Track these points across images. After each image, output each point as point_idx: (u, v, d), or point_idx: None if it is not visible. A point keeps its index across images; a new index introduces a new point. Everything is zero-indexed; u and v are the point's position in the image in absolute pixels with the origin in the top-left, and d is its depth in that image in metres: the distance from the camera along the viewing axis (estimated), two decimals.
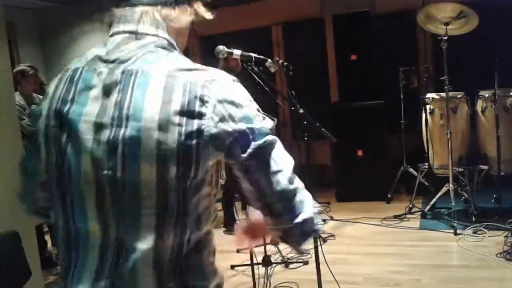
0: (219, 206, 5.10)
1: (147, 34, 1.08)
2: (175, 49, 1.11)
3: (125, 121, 0.99)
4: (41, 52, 7.36)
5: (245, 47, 2.13)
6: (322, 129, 2.06)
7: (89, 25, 7.20)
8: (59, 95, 1.08)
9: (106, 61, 1.07)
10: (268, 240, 1.33)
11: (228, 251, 4.27)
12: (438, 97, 4.85)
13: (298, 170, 1.10)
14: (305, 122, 2.06)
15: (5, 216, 2.86)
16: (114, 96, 1.02)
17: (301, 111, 2.06)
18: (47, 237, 4.68)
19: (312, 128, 2.07)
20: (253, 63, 2.07)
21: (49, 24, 7.33)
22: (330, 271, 2.71)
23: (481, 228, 4.16)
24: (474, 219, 4.30)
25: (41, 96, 5.00)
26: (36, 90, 4.92)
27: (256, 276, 3.30)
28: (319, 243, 2.43)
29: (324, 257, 2.48)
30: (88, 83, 1.05)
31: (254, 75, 2.09)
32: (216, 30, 6.39)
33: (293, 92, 4.08)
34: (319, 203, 5.39)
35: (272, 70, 2.17)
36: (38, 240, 3.40)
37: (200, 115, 0.99)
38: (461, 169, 4.77)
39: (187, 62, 1.07)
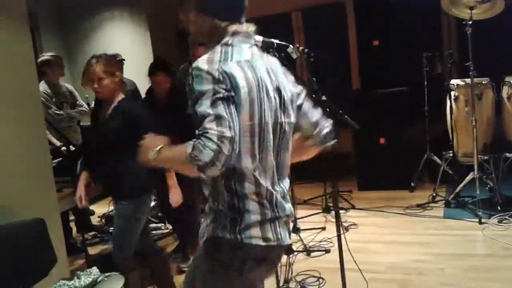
0: None
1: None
2: None
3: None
4: (62, 40, 7.44)
5: (265, 33, 2.11)
6: (345, 117, 2.03)
7: (110, 13, 7.26)
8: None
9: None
10: None
11: None
12: (462, 83, 4.75)
13: (320, 158, 1.13)
14: (327, 110, 2.04)
15: (31, 204, 2.91)
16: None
17: (323, 98, 2.04)
18: (72, 224, 4.77)
19: (334, 116, 2.04)
20: (274, 49, 2.04)
21: (70, 13, 7.40)
22: (354, 259, 2.69)
23: (506, 217, 4.09)
24: (499, 208, 4.22)
25: (67, 85, 5.06)
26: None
27: (278, 264, 3.29)
28: (342, 232, 2.41)
29: (347, 245, 2.47)
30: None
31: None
32: None
33: (314, 79, 4.04)
34: (340, 191, 5.36)
35: (294, 56, 2.15)
36: (64, 227, 3.46)
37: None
38: (486, 157, 4.68)
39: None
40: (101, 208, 5.55)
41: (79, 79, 8.11)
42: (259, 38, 2.05)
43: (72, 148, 3.73)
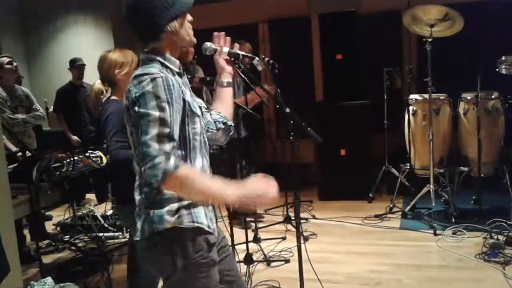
0: None
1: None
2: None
3: None
4: (23, 43, 7.24)
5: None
6: (308, 129, 2.05)
7: (73, 17, 7.12)
8: None
9: None
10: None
11: None
12: (421, 98, 4.89)
13: (283, 168, 1.12)
14: (291, 122, 2.06)
15: None
16: None
17: (287, 110, 2.05)
18: (26, 232, 4.61)
19: (298, 128, 2.06)
20: (239, 60, 2.05)
21: (32, 15, 7.21)
22: (313, 269, 2.72)
23: (460, 229, 4.22)
24: (453, 220, 4.36)
25: (24, 88, 4.92)
26: (16, 81, 4.84)
27: None
28: (302, 242, 2.43)
29: (307, 255, 2.49)
30: None
31: (240, 73, 2.07)
32: (203, 25, 6.34)
33: (278, 90, 4.07)
34: (302, 201, 5.40)
35: (260, 68, 2.16)
36: (17, 234, 3.33)
37: None
38: (441, 170, 4.83)
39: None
40: (57, 217, 5.39)
41: (37, 83, 8.00)
42: (225, 49, 2.05)
43: (28, 154, 3.62)
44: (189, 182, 1.57)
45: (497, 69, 4.29)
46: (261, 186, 1.63)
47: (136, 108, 1.60)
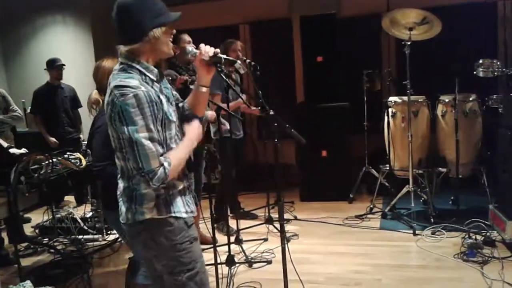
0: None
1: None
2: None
3: None
4: (0, 43, 7.10)
5: (212, 44, 2.11)
6: (292, 131, 2.06)
7: (52, 17, 7.01)
8: None
9: None
10: None
11: None
12: (400, 100, 4.96)
13: (264, 170, 1.13)
14: (275, 124, 2.06)
15: None
16: None
17: (271, 112, 2.06)
18: (4, 234, 4.54)
19: (282, 130, 2.07)
20: (222, 64, 2.05)
21: (10, 16, 7.08)
22: (296, 271, 2.73)
23: (439, 229, 4.28)
24: (432, 220, 4.42)
25: (0, 89, 4.84)
26: None
27: (220, 276, 3.29)
28: (285, 243, 2.44)
29: (290, 256, 2.50)
30: None
31: (223, 76, 2.08)
32: (184, 26, 6.32)
33: (260, 91, 4.08)
34: (284, 202, 5.42)
35: (242, 71, 2.16)
36: None
37: None
38: (420, 171, 4.90)
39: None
40: (36, 219, 5.31)
41: (15, 83, 7.83)
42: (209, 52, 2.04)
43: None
44: (178, 163, 1.84)
45: (474, 72, 4.37)
46: (195, 128, 1.98)
47: (125, 127, 1.74)
